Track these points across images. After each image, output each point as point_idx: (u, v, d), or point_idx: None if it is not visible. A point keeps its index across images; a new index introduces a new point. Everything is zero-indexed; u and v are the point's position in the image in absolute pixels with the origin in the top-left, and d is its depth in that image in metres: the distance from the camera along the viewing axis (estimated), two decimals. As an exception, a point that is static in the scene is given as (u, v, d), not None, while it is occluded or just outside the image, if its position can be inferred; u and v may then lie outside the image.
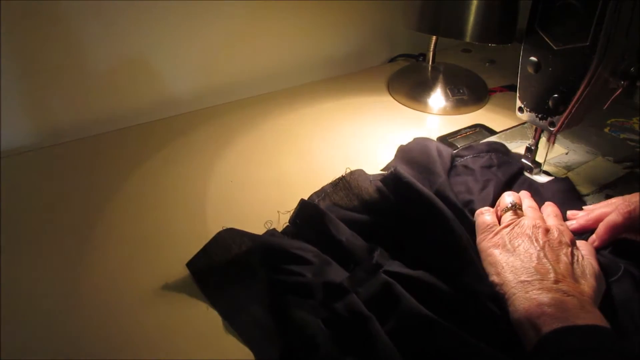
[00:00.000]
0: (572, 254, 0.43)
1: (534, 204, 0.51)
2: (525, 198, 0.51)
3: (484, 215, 0.48)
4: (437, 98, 0.78)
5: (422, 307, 0.39)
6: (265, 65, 0.83)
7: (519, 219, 0.46)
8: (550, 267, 0.40)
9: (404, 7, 0.74)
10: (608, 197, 0.55)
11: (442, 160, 0.58)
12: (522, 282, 0.39)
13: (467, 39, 0.67)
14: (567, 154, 0.64)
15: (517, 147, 0.65)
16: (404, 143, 0.63)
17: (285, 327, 0.41)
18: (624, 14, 0.45)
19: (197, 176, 0.61)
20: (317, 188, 0.59)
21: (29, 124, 0.67)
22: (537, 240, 0.43)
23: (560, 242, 0.44)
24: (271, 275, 0.44)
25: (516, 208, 0.48)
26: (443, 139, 0.68)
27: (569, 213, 0.53)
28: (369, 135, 0.70)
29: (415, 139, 0.63)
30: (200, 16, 0.72)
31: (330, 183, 0.54)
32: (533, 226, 0.45)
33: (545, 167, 0.60)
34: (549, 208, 0.51)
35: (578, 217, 0.51)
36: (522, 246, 0.43)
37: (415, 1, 0.71)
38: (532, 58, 0.53)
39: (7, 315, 0.43)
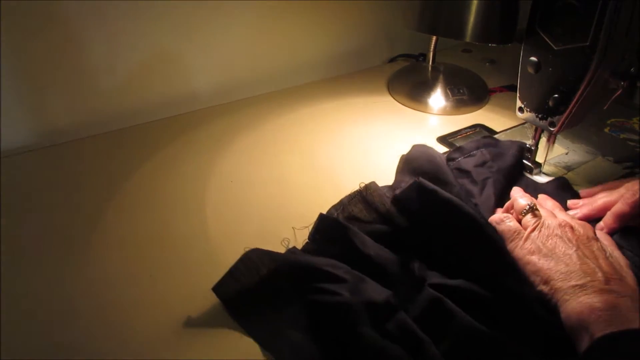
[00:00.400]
0: (603, 248, 0.43)
1: (553, 204, 0.50)
2: (544, 200, 0.51)
3: (506, 222, 0.47)
4: (437, 98, 0.78)
5: (476, 323, 0.37)
6: (265, 65, 0.83)
7: (542, 220, 0.45)
8: (594, 266, 0.40)
9: (404, 7, 0.74)
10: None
11: (449, 168, 0.57)
12: (573, 286, 0.39)
13: (467, 39, 0.67)
14: (567, 154, 0.64)
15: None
16: (405, 152, 0.60)
17: (343, 350, 0.38)
18: (624, 14, 0.45)
19: (197, 176, 0.61)
20: (317, 188, 0.59)
21: (29, 124, 0.67)
22: (569, 240, 0.42)
23: (588, 237, 0.43)
24: (305, 296, 0.41)
25: (534, 209, 0.47)
26: (443, 139, 0.68)
27: (570, 202, 0.53)
28: (369, 135, 0.70)
29: (415, 147, 0.60)
30: (200, 18, 0.72)
31: (347, 195, 0.52)
32: (559, 225, 0.44)
33: (545, 167, 0.60)
34: (549, 202, 0.51)
35: (581, 206, 0.51)
36: (558, 248, 0.42)
37: (415, 1, 0.71)
38: (532, 58, 0.53)
39: (7, 315, 0.43)
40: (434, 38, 0.81)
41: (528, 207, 0.47)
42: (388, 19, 0.92)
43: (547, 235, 0.43)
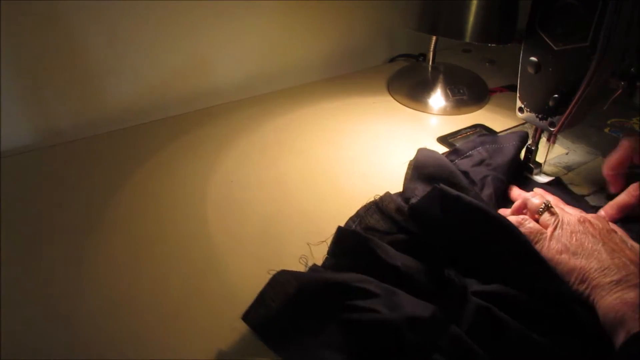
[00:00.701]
0: (623, 239, 0.43)
1: (555, 200, 0.51)
2: (544, 196, 0.51)
3: (527, 223, 0.46)
4: (437, 98, 0.78)
5: (528, 331, 0.37)
6: (265, 65, 0.83)
7: (560, 217, 0.45)
8: (625, 260, 0.40)
9: (404, 7, 0.74)
10: (608, 197, 0.55)
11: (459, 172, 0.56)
12: (609, 282, 0.39)
13: (467, 39, 0.67)
14: (567, 154, 0.64)
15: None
16: (404, 152, 0.59)
17: None
18: (624, 14, 0.45)
19: (197, 176, 0.61)
20: (317, 188, 0.59)
21: (29, 124, 0.67)
22: (593, 235, 0.42)
23: (607, 230, 0.43)
24: (339, 314, 0.39)
25: (549, 207, 0.46)
26: (443, 140, 0.68)
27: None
28: (369, 135, 0.70)
29: (421, 152, 0.58)
30: (199, 17, 0.72)
31: (363, 207, 0.51)
32: (579, 221, 0.44)
33: (545, 167, 0.60)
34: (549, 197, 0.51)
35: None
36: (585, 245, 0.42)
37: (415, 1, 0.71)
38: (532, 58, 0.53)
39: (7, 315, 0.43)
40: (434, 38, 0.81)
41: (544, 205, 0.46)
42: (388, 19, 0.92)
43: (570, 232, 0.43)
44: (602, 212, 0.51)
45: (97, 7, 0.64)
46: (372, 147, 0.67)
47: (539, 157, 0.59)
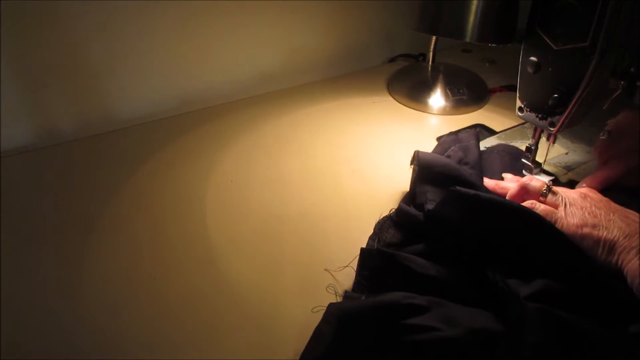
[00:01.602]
0: (622, 207, 0.44)
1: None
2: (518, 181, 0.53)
3: (539, 206, 0.46)
4: (437, 98, 0.78)
5: (595, 325, 0.37)
6: (265, 65, 0.83)
7: (564, 196, 0.46)
8: (636, 222, 0.41)
9: (404, 7, 0.74)
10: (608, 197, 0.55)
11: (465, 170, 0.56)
12: (633, 247, 0.39)
13: (467, 39, 0.67)
14: (567, 154, 0.64)
15: (518, 147, 0.65)
16: (411, 160, 0.57)
17: None
18: (624, 14, 0.45)
19: (197, 176, 0.61)
20: (317, 188, 0.59)
21: (29, 124, 0.67)
22: (598, 207, 0.44)
23: (602, 199, 0.45)
24: (399, 338, 0.37)
25: (551, 187, 0.47)
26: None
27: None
28: (369, 135, 0.70)
29: (421, 154, 0.56)
30: (199, 16, 0.72)
31: (377, 222, 0.51)
32: (580, 197, 0.45)
33: (545, 167, 0.60)
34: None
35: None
36: (599, 216, 0.43)
37: (415, 1, 0.71)
38: (532, 58, 0.53)
39: (7, 315, 0.43)
40: (434, 38, 0.81)
41: (546, 186, 0.47)
42: (388, 19, 0.92)
43: (580, 207, 0.44)
44: (583, 184, 0.52)
45: (97, 7, 0.64)
46: (372, 147, 0.67)
47: (539, 157, 0.59)
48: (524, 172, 0.60)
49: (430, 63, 0.84)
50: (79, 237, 0.51)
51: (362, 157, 0.65)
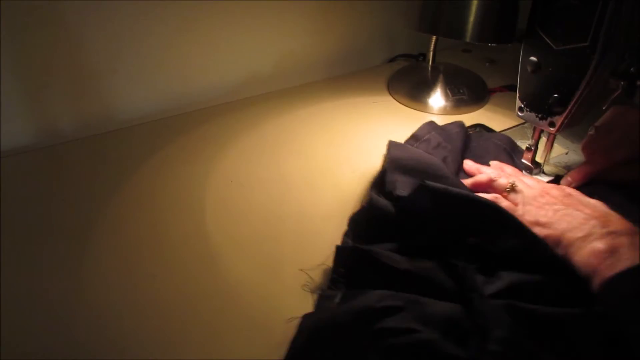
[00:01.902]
0: (580, 199, 0.46)
1: (512, 170, 0.55)
2: (502, 169, 0.55)
3: (502, 202, 0.50)
4: (437, 98, 0.78)
5: (558, 309, 0.39)
6: (265, 65, 0.83)
7: (525, 194, 0.49)
8: (584, 215, 0.43)
9: (404, 7, 0.74)
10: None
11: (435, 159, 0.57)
12: (578, 239, 0.42)
13: (467, 39, 0.67)
14: (567, 154, 0.64)
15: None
16: (384, 152, 0.60)
17: None
18: (624, 14, 0.45)
19: (197, 176, 0.61)
20: (317, 188, 0.59)
21: (29, 124, 0.67)
22: (554, 203, 0.46)
23: (565, 194, 0.47)
24: (377, 343, 0.37)
25: (515, 186, 0.51)
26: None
27: None
28: (369, 135, 0.70)
29: (393, 145, 0.60)
30: (200, 18, 0.72)
31: (350, 218, 0.52)
32: (540, 194, 0.48)
33: (545, 167, 0.60)
34: (508, 168, 0.54)
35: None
36: (550, 213, 0.45)
37: (415, 1, 0.71)
38: (532, 58, 0.53)
39: (7, 315, 0.43)
40: (434, 38, 0.81)
41: (510, 185, 0.51)
42: (388, 19, 0.92)
43: (537, 206, 0.47)
44: (568, 177, 0.55)
45: (98, 7, 0.64)
46: (372, 147, 0.67)
47: (539, 157, 0.59)
48: (523, 172, 0.60)
49: (430, 63, 0.84)
50: (79, 237, 0.51)
51: (362, 157, 0.65)
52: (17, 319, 0.42)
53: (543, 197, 0.48)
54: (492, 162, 0.60)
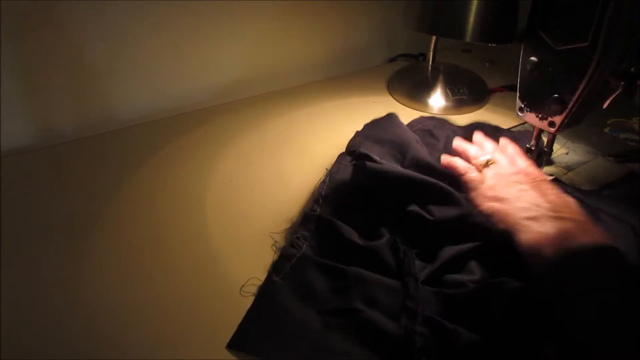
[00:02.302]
0: (553, 187, 0.46)
1: (500, 151, 0.54)
2: (486, 143, 0.54)
3: (470, 173, 0.51)
4: (437, 98, 0.78)
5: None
6: (265, 65, 0.83)
7: (498, 170, 0.49)
8: (543, 200, 0.43)
9: (404, 7, 0.74)
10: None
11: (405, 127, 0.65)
12: (525, 218, 0.42)
13: (467, 39, 0.67)
14: (567, 154, 0.64)
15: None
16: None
17: None
18: (624, 14, 0.45)
19: (197, 176, 0.61)
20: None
21: (29, 124, 0.67)
22: (523, 182, 0.46)
23: (540, 179, 0.47)
24: (329, 323, 0.42)
25: (489, 162, 0.51)
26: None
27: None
28: (369, 135, 0.70)
29: (390, 116, 0.67)
30: (199, 17, 0.72)
31: (317, 186, 0.57)
32: (514, 173, 0.48)
33: (545, 167, 0.60)
34: (510, 147, 0.53)
35: None
36: (512, 191, 0.45)
37: (415, 1, 0.71)
38: (532, 58, 0.53)
39: (7, 315, 0.43)
40: (434, 38, 0.81)
41: (486, 161, 0.51)
42: (388, 19, 0.92)
43: (505, 182, 0.47)
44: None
45: (97, 7, 0.64)
46: (372, 147, 0.67)
47: (539, 157, 0.59)
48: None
49: (430, 63, 0.84)
50: (79, 237, 0.51)
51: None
52: (17, 319, 0.42)
53: (515, 175, 0.48)
54: (475, 135, 0.58)
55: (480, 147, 0.54)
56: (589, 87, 0.49)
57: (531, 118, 0.56)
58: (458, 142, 0.56)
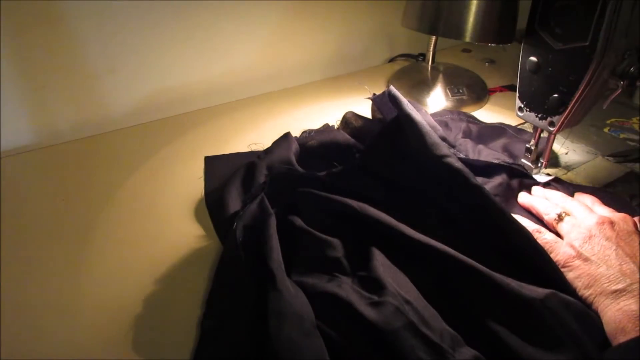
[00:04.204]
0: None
1: (575, 200, 0.49)
2: (550, 193, 0.51)
3: (543, 235, 0.45)
4: (437, 98, 0.78)
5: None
6: (265, 65, 0.83)
7: (576, 222, 0.45)
8: (634, 267, 0.39)
9: (404, 7, 0.74)
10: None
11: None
12: (613, 292, 0.38)
13: (467, 39, 0.67)
14: (567, 154, 0.64)
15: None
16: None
17: None
18: (624, 14, 0.45)
19: (197, 176, 0.61)
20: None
21: (29, 124, 0.67)
22: (608, 238, 0.41)
23: (628, 232, 0.42)
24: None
25: (564, 215, 0.46)
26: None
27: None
28: (369, 135, 0.70)
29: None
30: (199, 17, 0.72)
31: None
32: (597, 224, 0.43)
33: (545, 168, 0.60)
34: (587, 198, 0.49)
35: None
36: (597, 250, 0.41)
37: (415, 1, 0.71)
38: (532, 58, 0.53)
39: (7, 315, 0.43)
40: (434, 38, 0.81)
41: (557, 216, 0.47)
42: (388, 19, 0.92)
43: (586, 237, 0.42)
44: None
45: (98, 7, 0.64)
46: (372, 147, 0.67)
47: (539, 157, 0.59)
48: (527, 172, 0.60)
49: (430, 63, 0.84)
50: (79, 237, 0.51)
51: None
52: (17, 319, 0.42)
53: (599, 227, 0.43)
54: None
55: (547, 199, 0.49)
56: (588, 87, 0.49)
57: (531, 118, 0.56)
58: (524, 198, 0.52)
